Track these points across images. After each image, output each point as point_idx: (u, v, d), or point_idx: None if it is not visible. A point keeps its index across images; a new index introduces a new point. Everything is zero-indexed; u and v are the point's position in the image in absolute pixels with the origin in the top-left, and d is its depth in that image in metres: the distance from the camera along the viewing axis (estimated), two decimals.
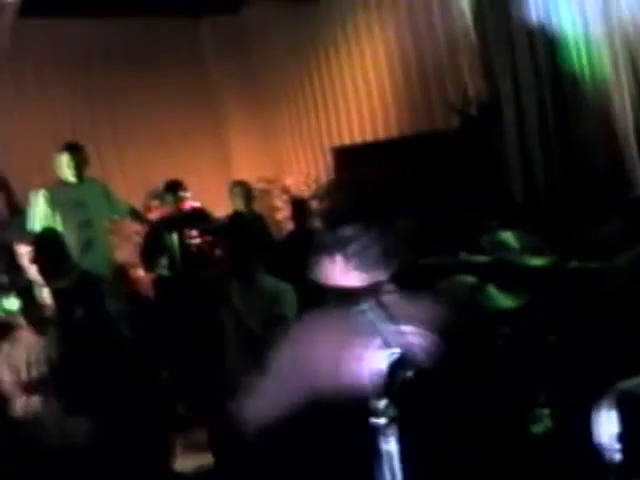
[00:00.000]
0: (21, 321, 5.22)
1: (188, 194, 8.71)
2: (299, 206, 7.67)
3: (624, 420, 2.14)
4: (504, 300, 4.63)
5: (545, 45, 7.08)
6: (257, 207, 7.96)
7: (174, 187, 7.37)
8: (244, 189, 7.60)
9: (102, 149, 9.42)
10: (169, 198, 7.33)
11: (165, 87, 10.20)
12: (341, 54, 9.75)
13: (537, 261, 4.70)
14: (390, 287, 2.37)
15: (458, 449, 2.18)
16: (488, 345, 2.64)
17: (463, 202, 6.83)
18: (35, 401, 5.06)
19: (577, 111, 6.92)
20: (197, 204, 8.73)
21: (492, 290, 4.67)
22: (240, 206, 7.48)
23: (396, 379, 1.82)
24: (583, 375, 4.02)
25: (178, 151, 10.01)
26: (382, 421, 1.69)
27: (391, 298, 2.31)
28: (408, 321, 2.25)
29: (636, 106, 6.48)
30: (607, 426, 2.18)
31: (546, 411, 4.27)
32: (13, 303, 5.23)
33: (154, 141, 10.01)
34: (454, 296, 4.63)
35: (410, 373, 1.86)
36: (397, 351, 1.92)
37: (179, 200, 7.37)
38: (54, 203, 6.50)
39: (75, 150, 6.66)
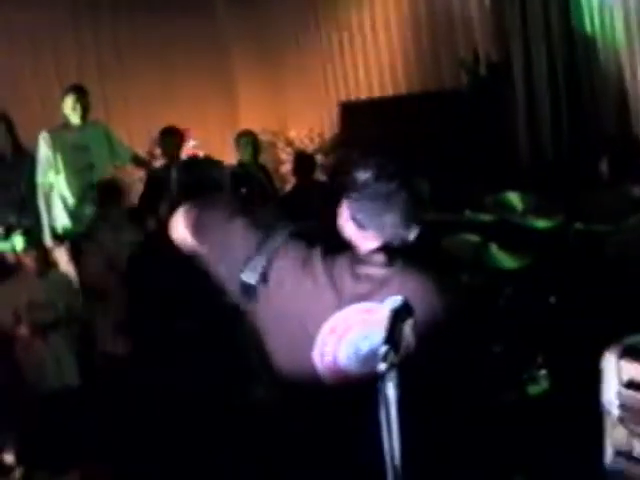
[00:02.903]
0: (27, 261, 5.25)
1: (192, 142, 8.69)
2: (304, 160, 7.63)
3: (626, 375, 2.15)
4: (507, 260, 4.65)
5: (557, 6, 7.02)
6: (262, 159, 7.93)
7: (169, 132, 7.31)
8: (251, 139, 7.54)
9: (108, 96, 9.37)
10: (168, 140, 7.27)
11: (173, 35, 10.12)
12: (351, 8, 9.67)
13: (541, 222, 4.71)
14: (379, 258, 2.19)
15: (456, 403, 2.20)
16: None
17: (469, 160, 6.82)
18: (36, 343, 5.10)
19: (588, 73, 6.89)
20: (202, 153, 8.71)
21: (495, 250, 4.69)
22: (246, 157, 7.44)
23: (397, 325, 1.80)
24: (582, 337, 4.05)
25: (184, 100, 9.95)
26: (382, 366, 1.68)
27: (374, 270, 2.18)
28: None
29: None
30: (609, 381, 2.19)
31: (543, 372, 4.31)
32: (19, 243, 5.26)
33: (160, 90, 9.94)
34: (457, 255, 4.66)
35: (411, 320, 1.84)
36: (399, 298, 1.89)
37: (176, 144, 7.32)
38: (55, 146, 6.46)
39: (80, 92, 6.62)
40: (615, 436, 2.16)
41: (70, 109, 6.54)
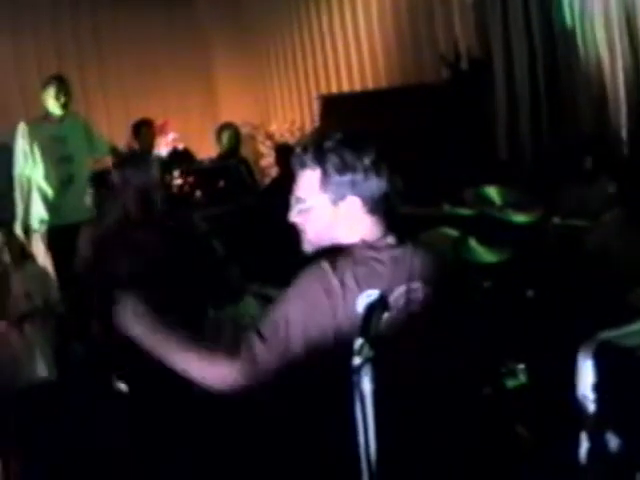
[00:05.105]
0: (3, 254, 5.21)
1: (172, 135, 8.67)
2: (284, 152, 7.62)
3: (601, 371, 2.16)
4: (485, 254, 4.65)
5: (538, 2, 7.03)
6: (242, 152, 7.92)
7: (144, 123, 7.35)
8: (231, 132, 7.54)
9: (88, 89, 9.34)
10: (143, 132, 7.31)
11: (153, 27, 10.09)
12: (332, 1, 9.63)
13: (519, 217, 4.71)
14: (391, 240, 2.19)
15: (432, 397, 2.19)
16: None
17: (449, 155, 6.82)
18: (12, 335, 5.06)
19: (567, 69, 6.90)
20: (181, 145, 8.70)
21: (474, 244, 4.69)
22: (226, 149, 7.43)
23: (373, 320, 1.80)
24: (559, 331, 4.06)
25: (165, 93, 9.94)
26: (357, 361, 1.67)
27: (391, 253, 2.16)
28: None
29: (628, 67, 6.47)
30: (584, 376, 2.20)
31: (521, 366, 4.32)
32: None
33: (140, 82, 9.91)
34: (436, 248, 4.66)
35: (387, 314, 1.84)
36: (375, 292, 1.88)
37: (151, 136, 7.36)
38: (33, 138, 6.42)
39: (62, 81, 6.59)
40: (590, 431, 2.17)
41: (53, 99, 6.48)
